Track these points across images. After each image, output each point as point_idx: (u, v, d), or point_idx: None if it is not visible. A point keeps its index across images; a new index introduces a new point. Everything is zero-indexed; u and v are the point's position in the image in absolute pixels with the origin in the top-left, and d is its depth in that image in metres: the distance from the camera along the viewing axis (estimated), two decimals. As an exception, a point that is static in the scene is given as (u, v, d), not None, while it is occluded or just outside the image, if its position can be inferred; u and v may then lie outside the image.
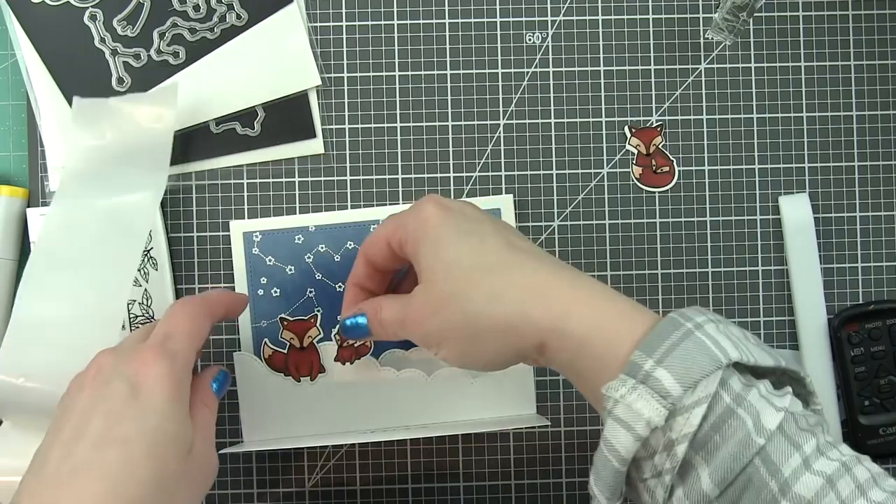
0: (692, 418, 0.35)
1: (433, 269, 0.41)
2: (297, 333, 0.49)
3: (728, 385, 0.36)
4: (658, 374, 0.36)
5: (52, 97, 0.53)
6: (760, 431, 0.35)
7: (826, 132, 0.55)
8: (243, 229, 0.53)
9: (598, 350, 0.38)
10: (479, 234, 0.42)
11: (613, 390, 0.36)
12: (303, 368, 0.50)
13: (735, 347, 0.37)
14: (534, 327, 0.39)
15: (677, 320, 0.37)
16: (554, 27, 0.55)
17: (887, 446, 0.54)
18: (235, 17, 0.54)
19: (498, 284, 0.40)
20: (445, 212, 0.42)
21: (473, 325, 0.40)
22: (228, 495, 0.54)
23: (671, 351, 0.36)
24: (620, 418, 0.36)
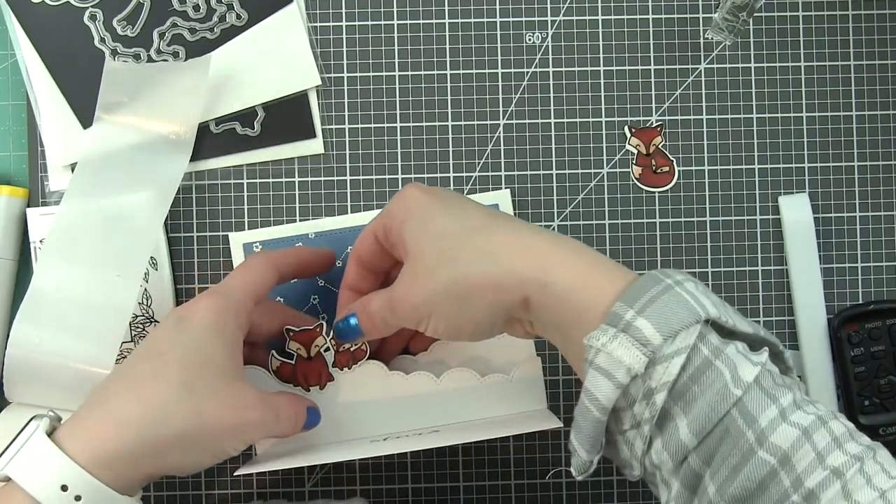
0: (671, 367, 0.36)
1: (419, 243, 0.42)
2: (304, 343, 0.49)
3: (706, 339, 0.37)
4: (638, 324, 0.36)
5: (52, 97, 0.53)
6: (737, 383, 0.36)
7: (826, 132, 0.55)
8: (243, 241, 0.53)
9: (580, 302, 0.39)
10: (461, 206, 0.43)
11: (595, 339, 0.37)
12: (311, 378, 0.49)
13: (714, 307, 0.37)
14: (518, 280, 0.40)
15: (658, 276, 0.38)
16: (554, 27, 0.55)
17: (887, 446, 0.53)
18: (235, 17, 0.54)
19: (484, 243, 0.41)
20: (428, 193, 0.44)
21: (462, 286, 0.40)
22: (228, 495, 0.54)
23: (652, 302, 0.37)
24: (601, 367, 0.37)
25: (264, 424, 0.44)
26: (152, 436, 0.40)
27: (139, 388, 0.41)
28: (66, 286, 0.49)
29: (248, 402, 0.43)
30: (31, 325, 0.48)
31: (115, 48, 0.53)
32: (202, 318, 0.43)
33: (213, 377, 0.42)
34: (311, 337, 0.49)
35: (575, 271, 0.39)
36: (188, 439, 0.41)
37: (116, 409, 0.41)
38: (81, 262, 0.49)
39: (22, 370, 0.49)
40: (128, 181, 0.51)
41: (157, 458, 0.41)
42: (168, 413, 0.41)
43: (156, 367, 0.42)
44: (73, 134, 0.53)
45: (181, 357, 0.42)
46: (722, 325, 0.38)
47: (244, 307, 0.45)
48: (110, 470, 0.39)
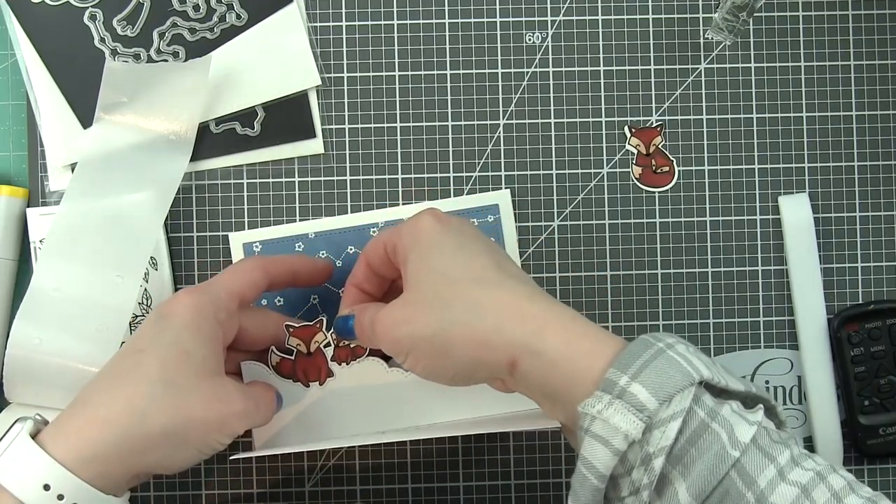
0: (668, 431, 0.36)
1: (419, 275, 0.42)
2: (304, 339, 0.49)
3: (701, 401, 0.37)
4: (633, 389, 0.36)
5: (52, 97, 0.53)
6: (735, 444, 0.36)
7: (826, 132, 0.55)
8: (243, 240, 0.53)
9: (572, 370, 0.38)
10: (470, 251, 0.42)
11: (590, 407, 0.37)
12: (311, 374, 0.50)
13: (707, 368, 0.37)
14: (507, 343, 0.39)
15: (648, 340, 0.38)
16: (554, 27, 0.55)
17: (887, 446, 0.54)
18: (235, 17, 0.54)
19: (480, 296, 0.40)
20: (441, 225, 0.43)
21: (447, 335, 0.40)
22: (228, 495, 0.54)
23: (645, 367, 0.37)
24: (598, 434, 0.36)
25: (247, 415, 0.44)
26: (135, 433, 0.40)
27: (120, 386, 0.42)
28: (65, 286, 0.49)
29: (229, 395, 0.43)
30: (30, 324, 0.48)
31: (115, 48, 0.53)
32: (181, 314, 0.43)
33: (194, 372, 0.42)
34: (311, 333, 0.49)
35: (567, 339, 0.39)
36: (172, 435, 0.41)
37: (99, 408, 0.41)
38: (81, 261, 0.49)
39: (22, 370, 0.49)
40: (128, 181, 0.51)
41: (141, 456, 0.41)
42: (150, 410, 0.41)
43: (136, 365, 0.42)
44: (73, 134, 0.53)
45: (161, 354, 0.42)
46: (714, 385, 0.38)
47: (224, 305, 0.45)
48: (94, 469, 0.40)
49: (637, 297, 0.54)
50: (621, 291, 0.54)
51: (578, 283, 0.54)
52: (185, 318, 0.43)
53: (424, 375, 0.43)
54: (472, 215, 0.53)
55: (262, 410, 0.46)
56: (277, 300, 0.53)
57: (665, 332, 0.40)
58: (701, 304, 0.55)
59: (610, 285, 0.54)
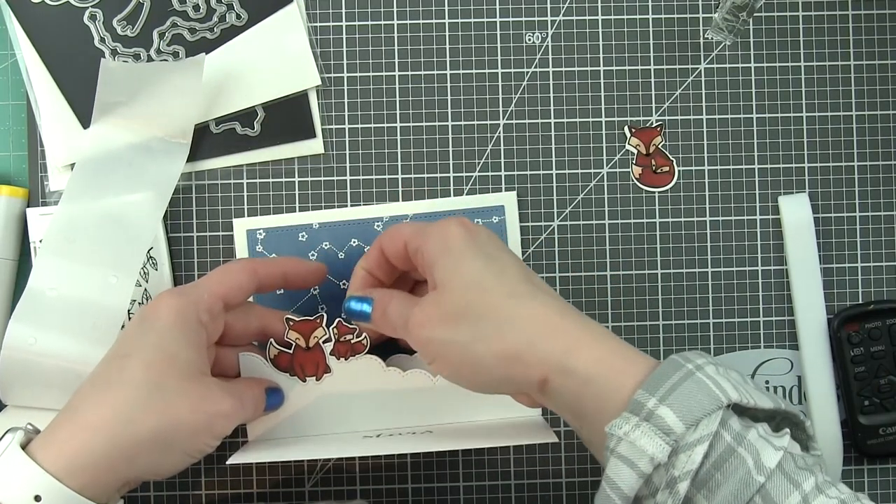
0: (694, 455, 0.36)
1: (451, 281, 0.42)
2: (303, 334, 0.49)
3: (728, 425, 0.37)
4: (661, 412, 0.36)
5: (52, 97, 0.53)
6: (761, 470, 0.36)
7: (826, 132, 0.55)
8: (247, 227, 0.53)
9: (602, 389, 0.38)
10: (501, 262, 0.42)
11: (617, 428, 0.37)
12: (308, 368, 0.49)
13: (735, 389, 0.37)
14: (539, 359, 0.39)
15: (678, 361, 0.38)
16: (554, 27, 0.55)
17: (887, 446, 0.54)
18: (235, 17, 0.54)
19: (513, 311, 0.40)
20: (471, 233, 0.43)
21: (479, 347, 0.40)
22: (228, 495, 0.54)
23: (673, 390, 0.37)
24: (624, 455, 0.36)
25: (234, 414, 0.44)
26: (123, 439, 0.40)
27: (106, 392, 0.42)
28: (62, 286, 0.49)
29: (214, 396, 0.43)
30: (26, 324, 0.48)
31: (115, 48, 0.53)
32: (164, 316, 0.43)
33: (179, 375, 0.42)
34: (311, 328, 0.49)
35: (598, 357, 0.39)
36: (160, 440, 0.41)
37: (86, 415, 0.41)
38: (77, 261, 0.49)
39: (16, 371, 0.49)
40: (125, 182, 0.51)
41: (130, 462, 0.41)
42: (137, 415, 0.41)
43: (121, 370, 0.42)
44: (73, 134, 0.53)
45: (146, 357, 0.42)
46: (744, 406, 0.38)
47: (208, 306, 0.45)
48: (83, 478, 0.40)
49: (637, 297, 0.54)
50: (621, 291, 0.54)
51: (578, 283, 0.54)
52: (168, 321, 0.43)
53: (449, 379, 0.43)
54: (476, 216, 0.53)
55: (248, 407, 0.45)
56: (278, 290, 0.53)
57: (695, 352, 0.40)
58: (701, 304, 0.55)
59: (610, 285, 0.54)
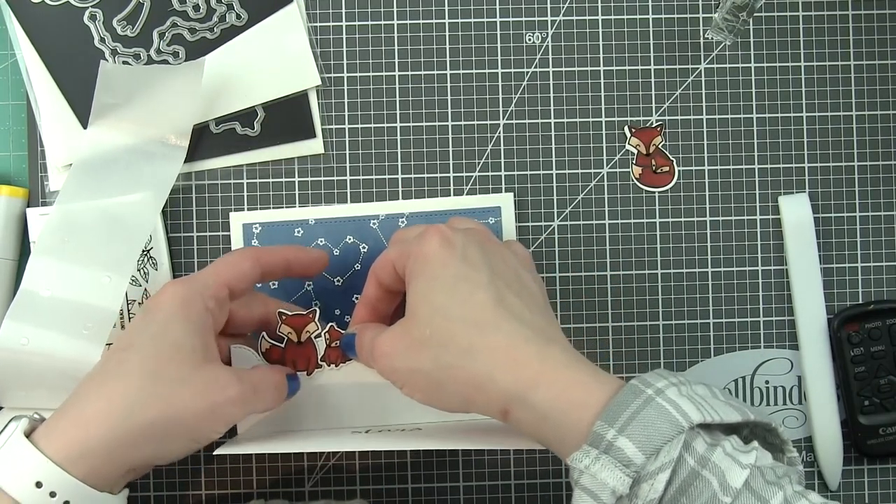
0: (656, 484, 0.36)
1: (418, 309, 0.42)
2: (296, 328, 0.49)
3: (692, 448, 0.37)
4: (620, 444, 0.36)
5: (52, 97, 0.53)
6: (727, 490, 0.36)
7: (826, 132, 0.55)
8: (243, 221, 0.53)
9: (561, 421, 0.39)
10: (472, 283, 0.42)
11: (577, 461, 0.37)
12: (300, 363, 0.50)
13: (698, 409, 0.37)
14: (500, 392, 0.40)
15: (637, 387, 0.38)
16: (554, 27, 0.55)
17: (887, 446, 0.54)
18: (235, 17, 0.54)
19: (475, 341, 0.40)
20: (447, 250, 0.43)
21: (443, 374, 0.41)
22: (228, 495, 0.54)
23: (632, 419, 0.37)
24: (586, 487, 0.37)
25: (243, 401, 0.44)
26: (123, 428, 0.41)
27: (108, 382, 0.42)
28: (55, 286, 0.49)
29: (221, 381, 0.43)
30: (19, 324, 0.48)
31: (115, 48, 0.53)
32: (168, 306, 0.43)
33: (182, 363, 0.42)
34: (304, 322, 0.49)
35: (558, 389, 0.39)
36: (161, 428, 0.41)
37: (87, 405, 0.41)
38: (71, 262, 0.49)
39: (9, 371, 0.49)
40: (121, 183, 0.51)
41: (132, 450, 0.41)
42: (137, 404, 0.41)
43: (123, 361, 0.42)
44: (73, 134, 0.53)
45: (146, 347, 0.42)
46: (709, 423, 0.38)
47: (213, 293, 0.45)
48: (84, 465, 0.40)
49: (637, 297, 0.54)
50: (621, 291, 0.54)
51: (578, 283, 0.54)
52: (171, 310, 0.43)
53: (422, 402, 0.43)
54: (473, 216, 0.53)
55: (262, 395, 0.45)
56: (272, 284, 0.53)
57: (656, 374, 0.40)
58: (701, 304, 0.55)
59: (610, 285, 0.54)
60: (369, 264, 0.48)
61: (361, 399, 0.50)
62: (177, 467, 0.53)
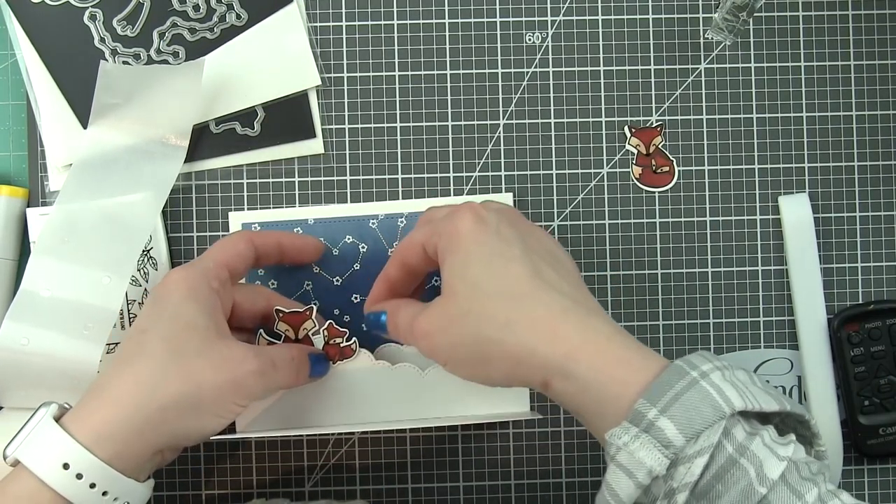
0: (694, 468, 0.36)
1: (455, 285, 0.42)
2: (293, 325, 0.49)
3: (731, 434, 0.36)
4: (661, 424, 0.36)
5: (52, 97, 0.53)
6: (763, 481, 0.35)
7: (826, 132, 0.55)
8: (242, 220, 0.53)
9: (602, 395, 0.38)
10: (506, 258, 0.42)
11: (616, 437, 0.37)
12: None
13: (740, 396, 0.37)
14: (540, 363, 0.39)
15: (682, 368, 0.38)
16: (554, 27, 0.55)
17: (887, 446, 0.54)
18: (235, 17, 0.54)
19: (513, 314, 0.40)
20: (481, 226, 0.42)
21: (484, 349, 0.41)
22: (228, 495, 0.54)
23: (675, 400, 0.36)
24: (623, 464, 0.36)
25: (262, 375, 0.44)
26: (147, 408, 0.41)
27: (127, 366, 0.42)
28: (55, 286, 0.49)
29: (238, 355, 0.43)
30: (19, 324, 0.48)
31: (115, 48, 0.53)
32: (176, 289, 0.44)
33: (197, 340, 0.43)
34: (301, 319, 0.49)
35: (601, 362, 0.39)
36: (185, 404, 0.42)
37: (110, 389, 0.42)
38: (71, 262, 0.49)
39: (9, 371, 0.49)
40: (121, 183, 0.51)
41: (158, 429, 0.41)
42: (157, 383, 0.41)
43: (140, 345, 0.43)
44: (73, 134, 0.53)
45: (163, 329, 0.43)
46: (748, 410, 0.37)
47: (216, 274, 0.46)
48: (110, 448, 0.40)
49: (637, 297, 0.54)
50: (621, 291, 0.54)
51: (578, 283, 0.54)
52: (180, 292, 0.44)
53: (467, 379, 0.43)
54: (472, 215, 0.53)
55: (282, 369, 0.45)
56: (272, 283, 0.53)
57: (701, 356, 0.39)
58: (701, 304, 0.55)
59: (610, 285, 0.54)
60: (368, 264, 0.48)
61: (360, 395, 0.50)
62: (177, 467, 0.53)
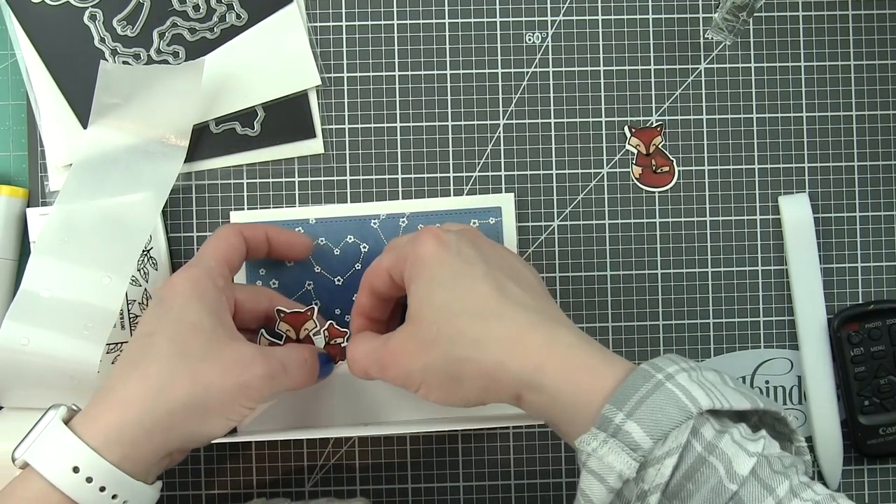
0: (663, 469, 0.36)
1: (422, 309, 0.42)
2: (294, 326, 0.49)
3: (700, 434, 0.37)
4: (628, 428, 0.36)
5: (52, 97, 0.53)
6: (733, 478, 0.36)
7: (826, 132, 0.55)
8: (243, 220, 0.53)
9: (571, 403, 0.39)
10: (470, 277, 0.42)
11: (585, 444, 0.37)
12: None
13: (707, 395, 0.37)
14: (511, 378, 0.40)
15: (648, 372, 0.38)
16: (554, 27, 0.55)
17: (887, 446, 0.54)
18: (235, 17, 0.54)
19: (482, 332, 0.41)
20: (442, 249, 0.43)
21: (456, 369, 0.41)
22: (228, 495, 0.54)
23: (641, 404, 0.37)
24: (593, 470, 0.37)
25: (271, 377, 0.44)
26: (155, 410, 0.41)
27: (135, 369, 0.42)
28: (55, 286, 0.49)
29: (246, 357, 0.43)
30: (19, 324, 0.48)
31: (115, 48, 0.53)
32: (181, 291, 0.44)
33: (205, 342, 0.43)
34: (302, 320, 0.49)
35: (567, 371, 0.39)
36: (193, 406, 0.42)
37: (117, 392, 0.42)
38: (71, 262, 0.49)
39: (9, 371, 0.49)
40: (121, 183, 0.51)
41: (167, 431, 0.41)
42: (167, 384, 0.41)
43: (148, 346, 0.43)
44: (73, 134, 0.53)
45: (168, 331, 0.43)
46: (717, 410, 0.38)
47: (220, 272, 0.46)
48: (119, 451, 0.40)
49: (637, 297, 0.54)
50: (621, 291, 0.54)
51: (578, 283, 0.54)
52: (185, 294, 0.44)
53: (439, 403, 0.43)
54: (473, 216, 0.53)
55: (292, 371, 0.45)
56: (273, 282, 0.53)
57: (667, 358, 0.40)
58: (701, 304, 0.55)
59: (610, 285, 0.54)
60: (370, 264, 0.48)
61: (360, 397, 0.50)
62: (177, 467, 0.53)
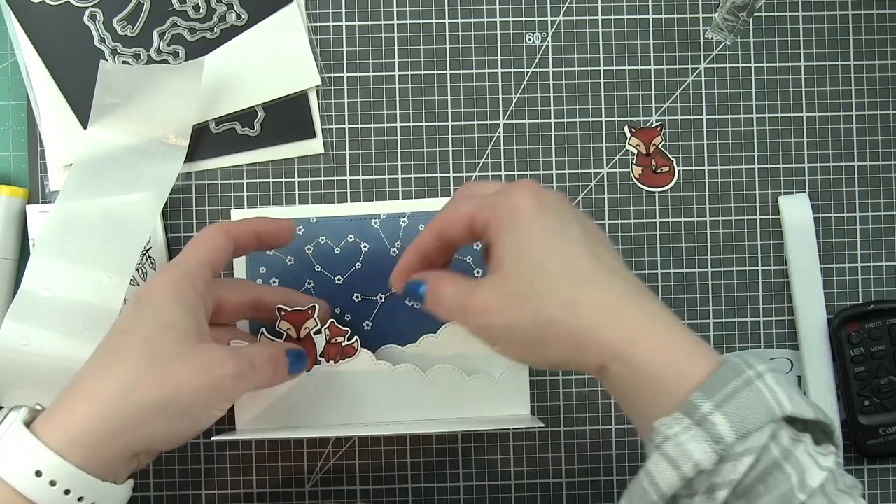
0: (739, 466, 0.35)
1: (513, 264, 0.40)
2: (295, 324, 0.49)
3: (778, 438, 0.36)
4: (714, 419, 0.36)
5: (52, 97, 0.53)
6: (803, 488, 0.35)
7: (826, 132, 0.55)
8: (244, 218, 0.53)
9: (659, 385, 0.38)
10: (566, 238, 0.41)
11: (667, 427, 0.36)
12: None
13: (790, 401, 0.37)
14: (600, 348, 0.38)
15: (740, 366, 0.37)
16: (554, 27, 0.55)
17: (887, 446, 0.54)
18: (235, 17, 0.54)
19: (575, 295, 0.39)
20: (539, 204, 0.41)
21: (542, 331, 0.39)
22: (228, 495, 0.54)
23: (731, 397, 0.36)
24: (668, 454, 0.36)
25: (240, 376, 0.43)
26: (124, 409, 0.40)
27: (105, 366, 0.42)
28: (55, 286, 0.49)
29: (216, 358, 0.42)
30: (19, 324, 0.48)
31: (115, 48, 0.53)
32: (158, 290, 0.43)
33: (177, 342, 0.42)
34: (303, 318, 0.49)
35: (660, 349, 0.38)
36: (162, 406, 0.41)
37: (85, 390, 0.41)
38: (71, 262, 0.49)
39: (10, 371, 0.49)
40: (121, 183, 0.51)
41: (134, 432, 0.40)
42: (134, 384, 0.40)
43: (119, 345, 0.42)
44: (73, 134, 0.53)
45: (142, 330, 0.42)
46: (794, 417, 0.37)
47: (200, 274, 0.45)
48: (83, 452, 0.39)
49: (637, 297, 0.54)
50: (621, 291, 0.54)
51: (578, 283, 0.54)
52: (163, 294, 0.43)
53: (514, 360, 0.42)
54: (472, 215, 0.53)
55: (260, 369, 0.45)
56: (273, 280, 0.53)
57: (754, 355, 0.39)
58: (701, 304, 0.55)
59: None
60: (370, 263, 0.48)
61: (361, 395, 0.50)
62: (177, 467, 0.53)
